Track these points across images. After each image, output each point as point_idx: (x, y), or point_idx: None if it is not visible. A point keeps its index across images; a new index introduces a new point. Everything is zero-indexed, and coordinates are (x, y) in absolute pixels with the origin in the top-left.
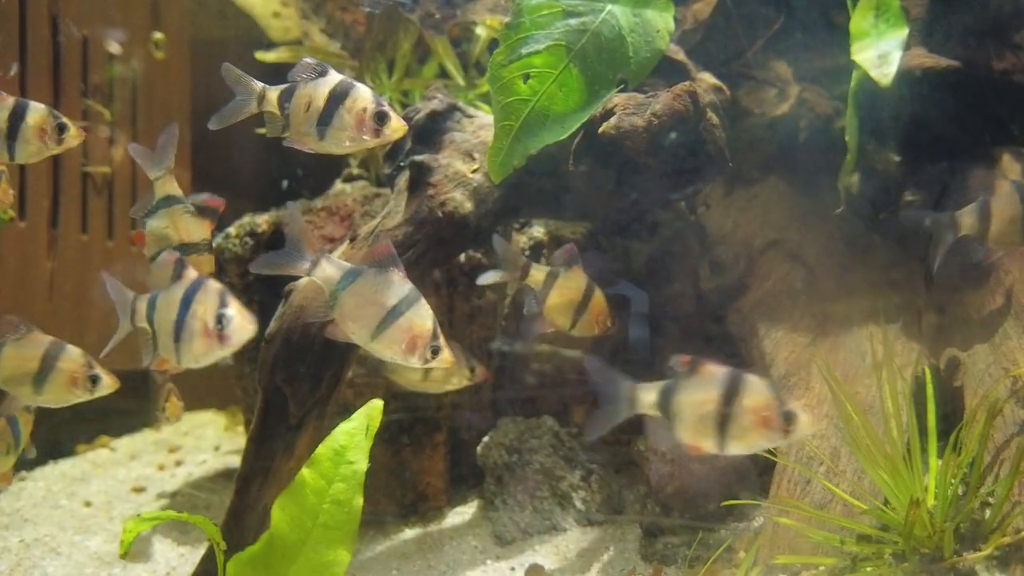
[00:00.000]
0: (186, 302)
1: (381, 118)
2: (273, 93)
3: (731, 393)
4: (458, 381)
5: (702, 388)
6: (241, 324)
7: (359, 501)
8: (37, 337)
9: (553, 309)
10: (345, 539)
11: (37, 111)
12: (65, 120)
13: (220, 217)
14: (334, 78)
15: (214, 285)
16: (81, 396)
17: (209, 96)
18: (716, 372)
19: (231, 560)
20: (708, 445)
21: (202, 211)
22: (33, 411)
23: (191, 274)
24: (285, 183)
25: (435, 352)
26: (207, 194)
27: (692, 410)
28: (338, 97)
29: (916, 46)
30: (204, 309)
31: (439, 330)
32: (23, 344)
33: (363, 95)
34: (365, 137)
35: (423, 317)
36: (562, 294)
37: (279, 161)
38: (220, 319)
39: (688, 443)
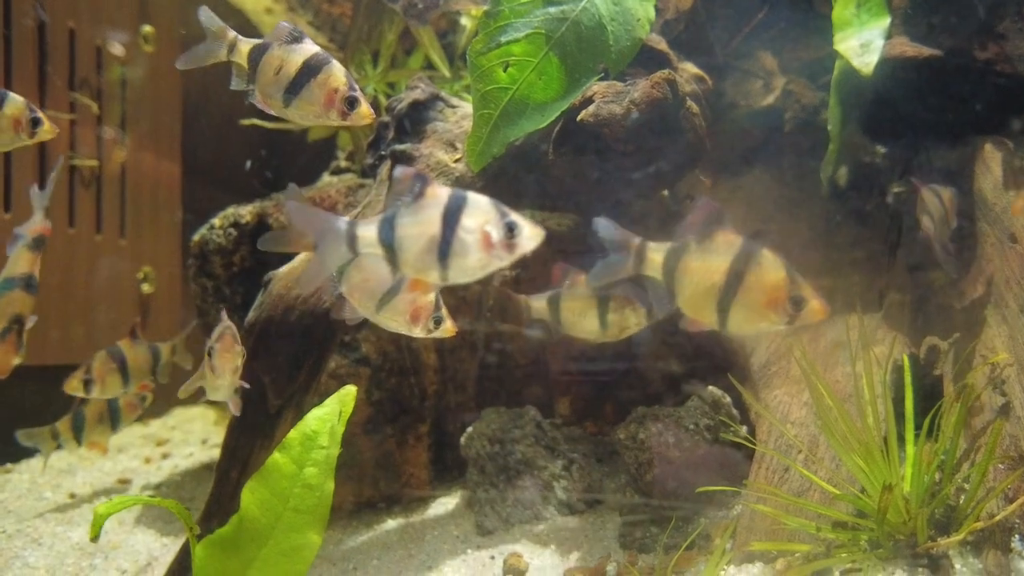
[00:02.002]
0: (451, 216)
1: (351, 103)
2: (245, 46)
3: None
4: (636, 323)
5: None
6: (532, 231)
7: (330, 485)
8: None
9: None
10: (315, 523)
11: None
12: None
13: (204, 213)
14: (310, 48)
15: (479, 196)
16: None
17: (201, 91)
18: None
19: (200, 543)
20: None
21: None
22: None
23: (439, 191)
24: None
25: (437, 323)
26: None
27: None
28: (312, 70)
29: (899, 35)
30: (482, 220)
31: (441, 301)
32: None
33: (337, 75)
34: (331, 116)
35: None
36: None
37: (267, 154)
38: (510, 227)
39: None
